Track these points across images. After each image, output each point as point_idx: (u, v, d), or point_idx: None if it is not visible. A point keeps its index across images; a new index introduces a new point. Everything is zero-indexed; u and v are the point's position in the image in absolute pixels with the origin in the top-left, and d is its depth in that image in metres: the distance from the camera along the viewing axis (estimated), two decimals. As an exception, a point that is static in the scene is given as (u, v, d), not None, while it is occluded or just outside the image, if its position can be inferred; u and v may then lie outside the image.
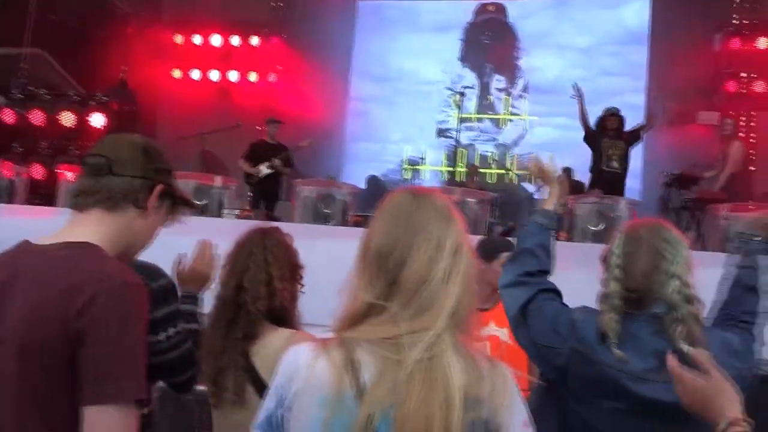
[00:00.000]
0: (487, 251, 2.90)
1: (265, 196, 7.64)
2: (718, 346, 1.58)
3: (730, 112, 9.00)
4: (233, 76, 10.87)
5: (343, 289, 1.25)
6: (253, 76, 10.82)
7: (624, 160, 6.81)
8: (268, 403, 1.23)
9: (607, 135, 6.86)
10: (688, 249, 1.65)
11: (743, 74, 9.27)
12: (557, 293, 1.89)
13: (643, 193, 8.95)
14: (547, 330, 1.76)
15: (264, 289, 2.00)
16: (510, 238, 3.24)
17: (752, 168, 8.81)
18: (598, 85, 10.32)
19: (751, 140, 9.07)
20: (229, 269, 2.06)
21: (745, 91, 9.22)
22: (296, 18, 10.71)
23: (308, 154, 8.67)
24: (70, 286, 1.29)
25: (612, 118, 6.86)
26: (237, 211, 5.19)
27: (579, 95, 6.93)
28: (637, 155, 9.74)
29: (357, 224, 5.40)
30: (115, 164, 1.49)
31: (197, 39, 10.89)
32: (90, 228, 1.45)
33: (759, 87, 9.13)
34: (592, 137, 6.96)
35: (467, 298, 1.22)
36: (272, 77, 10.77)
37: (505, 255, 2.82)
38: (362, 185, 9.96)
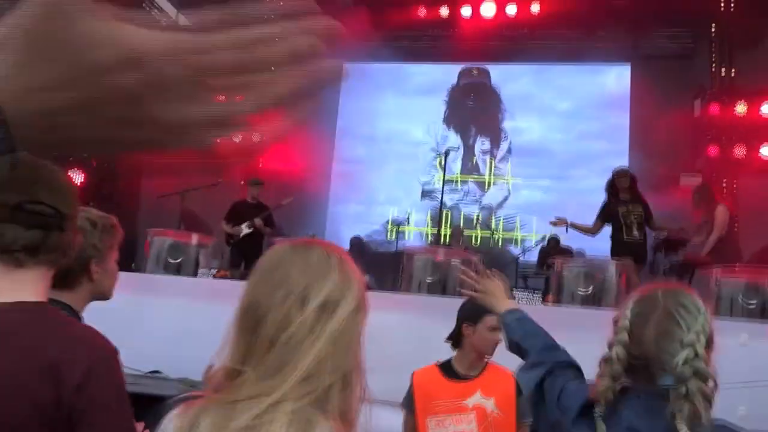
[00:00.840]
0: (472, 313, 2.74)
1: (246, 256, 7.49)
2: None
3: (722, 178, 9.11)
4: (217, 135, 10.82)
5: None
6: (236, 136, 10.77)
7: (643, 227, 6.41)
8: None
9: (621, 201, 6.47)
10: (709, 319, 1.46)
11: (723, 138, 9.39)
12: (575, 367, 1.75)
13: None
14: (552, 405, 1.65)
15: None
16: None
17: (736, 230, 8.81)
18: (579, 148, 10.44)
19: (735, 204, 9.09)
20: None
21: (726, 155, 9.32)
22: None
23: (291, 214, 8.56)
24: (54, 360, 1.15)
25: (622, 178, 6.48)
26: (213, 271, 5.02)
27: (564, 224, 6.55)
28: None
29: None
30: (66, 220, 1.34)
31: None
32: (37, 286, 1.30)
33: (739, 152, 9.22)
34: (607, 209, 6.54)
35: (336, 362, 1.06)
36: (257, 136, 10.73)
37: (492, 317, 2.68)
38: (346, 246, 9.82)
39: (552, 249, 8.43)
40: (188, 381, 3.61)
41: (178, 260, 4.85)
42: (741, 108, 9.40)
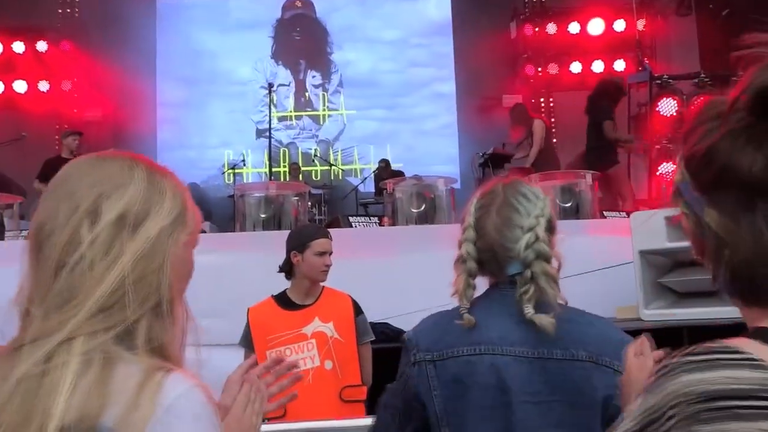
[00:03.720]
0: (297, 241, 2.69)
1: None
2: (593, 334, 1.40)
3: (540, 95, 9.66)
4: (20, 86, 9.73)
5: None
6: (43, 85, 9.75)
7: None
8: None
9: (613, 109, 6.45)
10: (549, 204, 1.48)
11: (538, 58, 9.94)
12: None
13: (460, 175, 9.27)
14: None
15: None
16: (329, 229, 3.06)
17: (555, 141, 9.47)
18: (409, 77, 10.61)
19: (552, 118, 9.75)
20: None
21: (541, 73, 9.90)
22: (88, 20, 9.81)
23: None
24: None
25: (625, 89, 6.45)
26: (26, 233, 4.52)
27: None
28: (452, 140, 10.16)
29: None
30: None
31: (-30, 47, 9.62)
32: None
33: (553, 69, 9.84)
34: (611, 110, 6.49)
35: (143, 290, 0.90)
36: (66, 85, 9.79)
37: (317, 242, 2.64)
38: (181, 194, 9.38)
39: (383, 170, 8.62)
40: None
41: (-22, 225, 4.35)
42: (551, 28, 9.97)
